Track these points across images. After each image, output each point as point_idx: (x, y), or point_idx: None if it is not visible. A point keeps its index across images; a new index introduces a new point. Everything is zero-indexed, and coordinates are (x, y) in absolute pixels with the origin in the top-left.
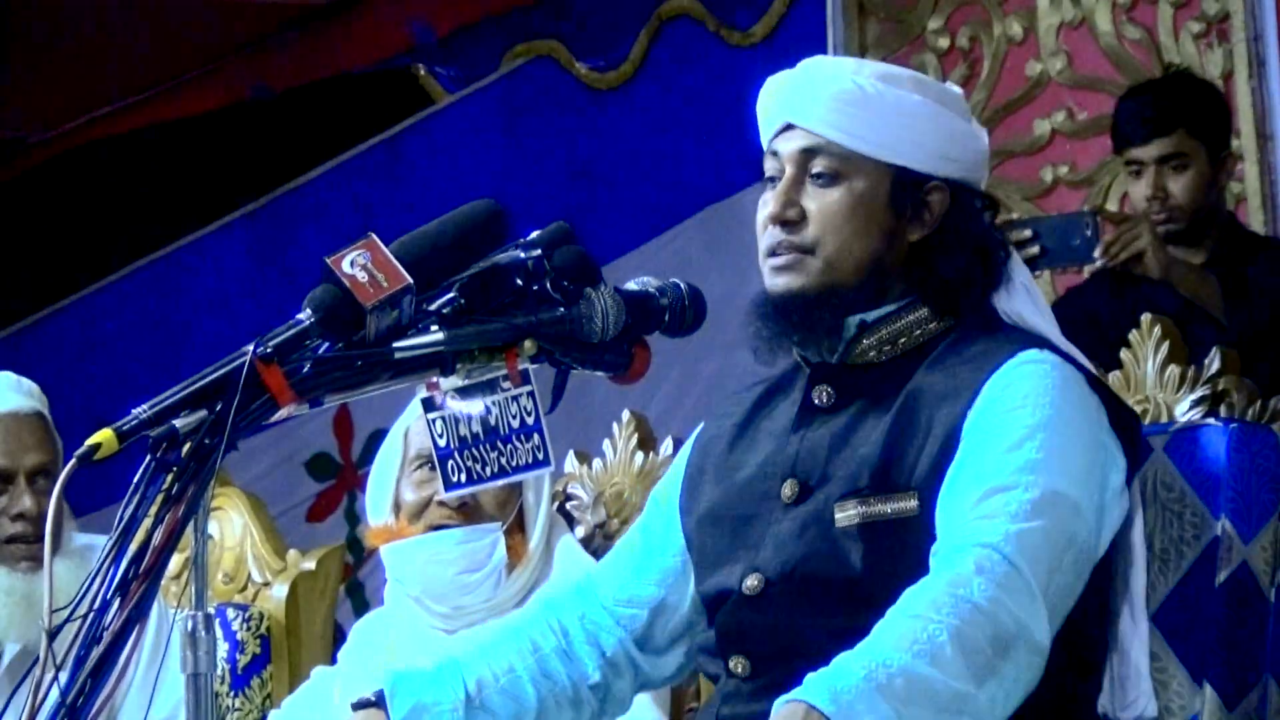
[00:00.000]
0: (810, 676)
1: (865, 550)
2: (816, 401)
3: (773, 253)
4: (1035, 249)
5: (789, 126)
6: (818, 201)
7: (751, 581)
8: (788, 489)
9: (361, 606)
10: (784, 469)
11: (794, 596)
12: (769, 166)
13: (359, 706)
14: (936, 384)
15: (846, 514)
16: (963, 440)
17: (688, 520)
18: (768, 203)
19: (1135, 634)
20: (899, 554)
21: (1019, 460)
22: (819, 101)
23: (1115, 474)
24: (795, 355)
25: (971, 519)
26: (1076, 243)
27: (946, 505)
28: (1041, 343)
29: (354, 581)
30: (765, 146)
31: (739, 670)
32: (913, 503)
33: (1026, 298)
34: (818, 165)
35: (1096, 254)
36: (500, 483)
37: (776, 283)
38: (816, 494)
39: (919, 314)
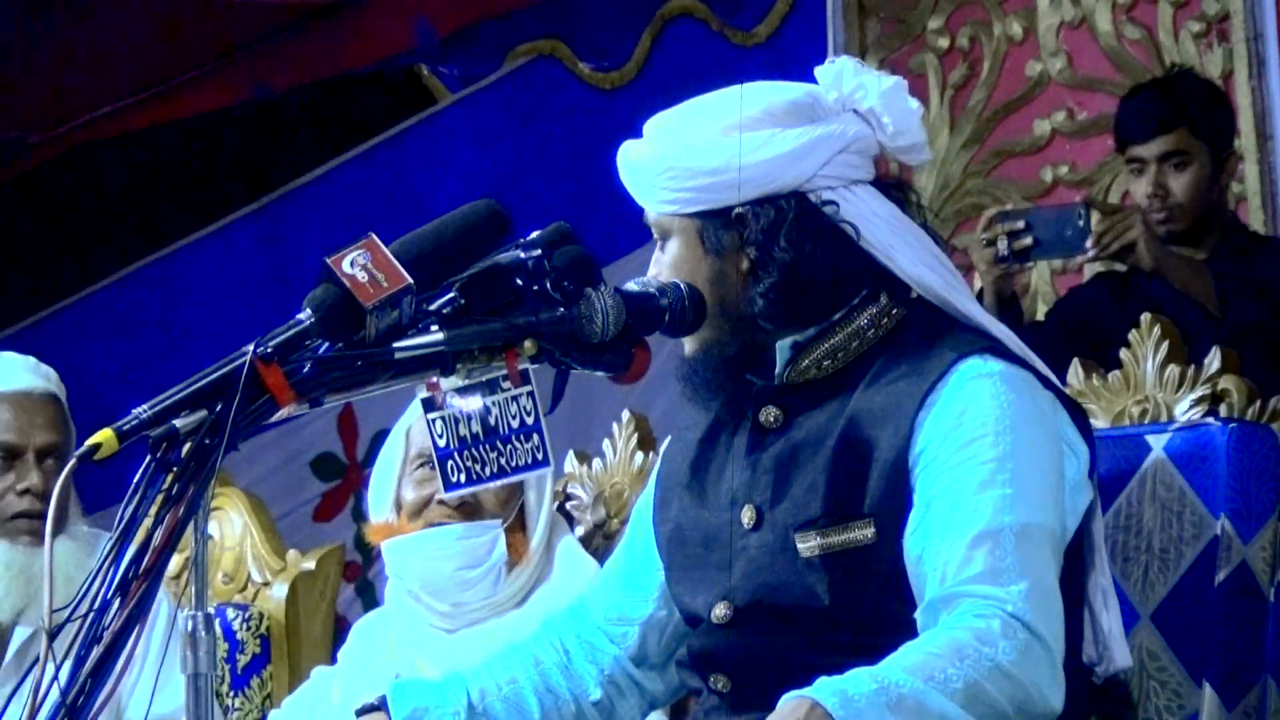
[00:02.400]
0: (821, 680)
1: (830, 580)
2: (765, 423)
3: None
4: (1028, 240)
5: None
6: (662, 267)
7: (720, 611)
8: (745, 514)
9: (372, 606)
10: (741, 493)
11: (763, 624)
12: None
13: (362, 712)
14: (876, 404)
15: (808, 545)
16: (924, 470)
17: (659, 536)
18: None
19: (1098, 589)
20: (863, 581)
21: (994, 499)
22: (627, 175)
23: (1074, 465)
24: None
25: (968, 573)
26: (1069, 234)
27: (929, 549)
28: (982, 344)
29: (364, 581)
30: None
31: (719, 686)
32: (869, 530)
33: (910, 255)
34: (655, 233)
35: (1088, 244)
36: (499, 483)
37: (684, 350)
38: (773, 519)
39: (855, 325)
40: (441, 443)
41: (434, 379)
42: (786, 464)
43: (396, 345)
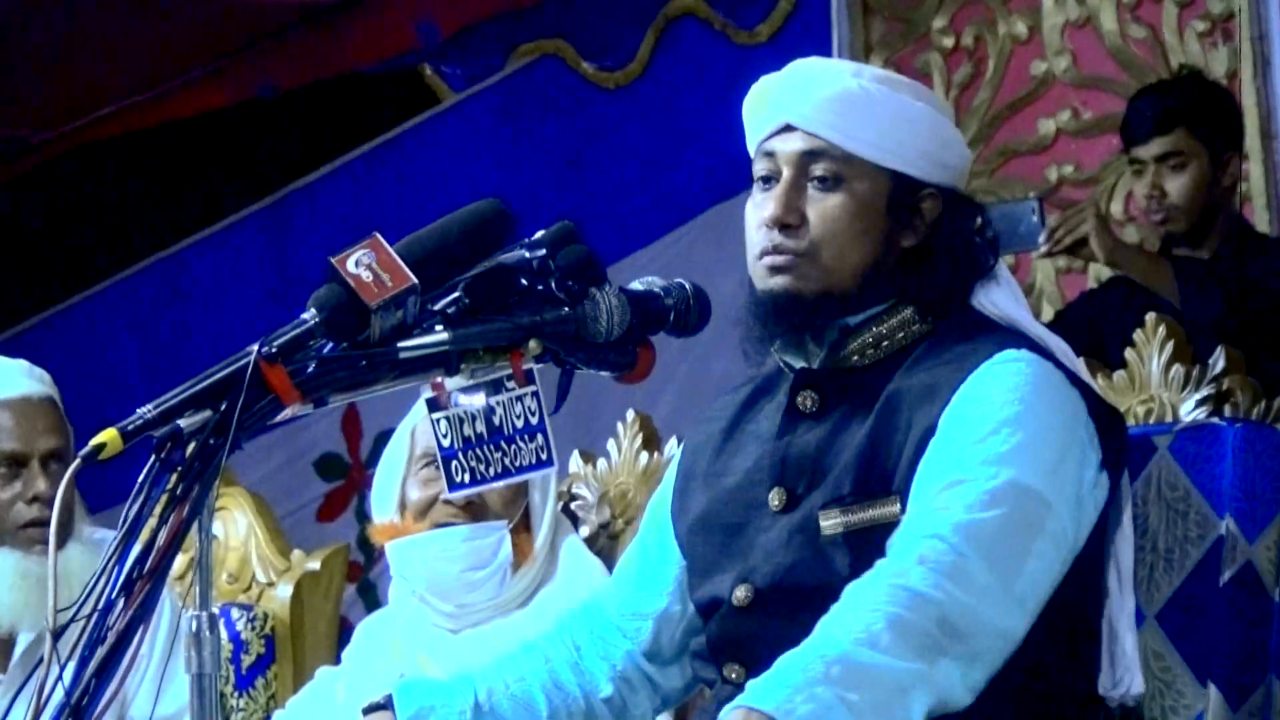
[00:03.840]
0: (751, 682)
1: (852, 558)
2: (801, 407)
3: (767, 254)
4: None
5: (788, 127)
6: (818, 206)
7: (741, 592)
8: (775, 497)
9: (374, 607)
10: (770, 477)
11: (784, 605)
12: (762, 166)
13: (369, 710)
14: (915, 385)
15: (831, 522)
16: (935, 436)
17: (680, 527)
18: (764, 204)
19: (1123, 612)
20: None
21: (984, 453)
22: (820, 103)
23: (1089, 466)
24: (778, 360)
25: (928, 510)
26: (1022, 229)
27: (913, 498)
28: (1021, 342)
29: (366, 582)
30: (756, 146)
31: (734, 677)
32: (895, 507)
33: (1008, 290)
34: (819, 169)
35: (1041, 239)
36: (504, 483)
37: (774, 283)
38: (804, 502)
39: (901, 317)
40: (446, 443)
41: (439, 379)
42: (823, 449)
43: (401, 345)
